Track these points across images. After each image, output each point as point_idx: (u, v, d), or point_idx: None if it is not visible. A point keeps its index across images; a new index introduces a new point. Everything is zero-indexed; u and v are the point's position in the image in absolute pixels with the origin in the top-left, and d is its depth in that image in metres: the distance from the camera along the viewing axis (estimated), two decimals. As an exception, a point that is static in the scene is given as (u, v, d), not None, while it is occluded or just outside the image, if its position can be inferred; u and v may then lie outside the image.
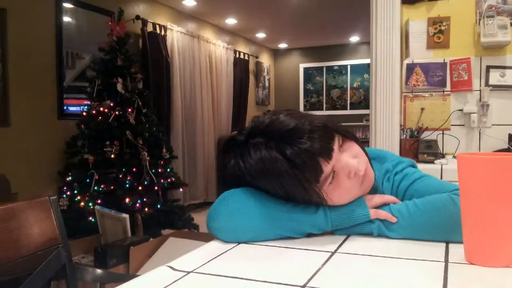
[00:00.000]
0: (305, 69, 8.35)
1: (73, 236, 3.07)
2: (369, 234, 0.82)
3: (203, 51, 5.85)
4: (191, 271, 0.66)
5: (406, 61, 2.52)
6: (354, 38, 7.59)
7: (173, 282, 0.61)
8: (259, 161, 0.79)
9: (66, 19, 3.97)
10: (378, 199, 0.84)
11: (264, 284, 0.60)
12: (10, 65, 3.43)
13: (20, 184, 3.25)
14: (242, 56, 6.99)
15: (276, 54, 8.58)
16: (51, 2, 3.83)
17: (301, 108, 8.23)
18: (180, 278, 0.63)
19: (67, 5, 3.96)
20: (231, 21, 6.19)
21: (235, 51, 6.77)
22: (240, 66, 6.89)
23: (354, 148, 0.84)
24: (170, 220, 3.62)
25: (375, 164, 0.93)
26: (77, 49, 4.10)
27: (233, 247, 0.78)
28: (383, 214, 0.81)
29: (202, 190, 5.73)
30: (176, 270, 0.66)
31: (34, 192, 3.45)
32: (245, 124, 6.85)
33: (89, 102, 3.64)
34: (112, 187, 3.40)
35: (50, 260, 1.00)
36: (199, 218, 4.21)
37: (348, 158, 0.81)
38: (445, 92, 2.48)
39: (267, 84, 8.23)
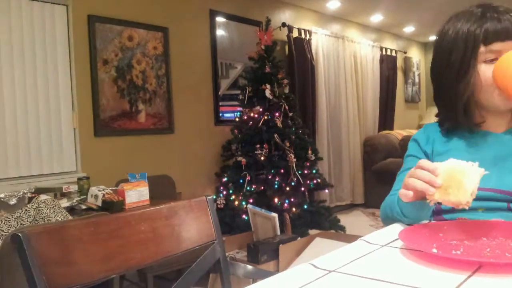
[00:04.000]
0: (460, 62, 7.66)
1: (229, 232, 3.33)
2: None
3: (347, 51, 5.80)
4: (333, 270, 0.68)
5: None
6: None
7: (314, 280, 0.64)
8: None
9: (219, 32, 4.32)
10: None
11: (404, 288, 0.60)
12: (173, 78, 3.86)
13: (184, 184, 3.63)
14: (389, 53, 6.74)
15: (427, 47, 8.07)
16: (206, 18, 4.20)
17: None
18: (321, 276, 0.66)
19: (219, 19, 4.30)
20: (377, 17, 6.02)
21: (381, 48, 6.56)
22: (387, 63, 6.65)
23: None
24: (316, 220, 3.68)
25: None
26: (230, 59, 4.43)
27: (378, 248, 0.79)
28: None
29: (348, 192, 5.67)
30: (318, 268, 0.69)
31: (196, 191, 3.83)
32: (393, 124, 6.61)
33: (241, 109, 3.92)
34: (262, 187, 3.59)
35: (206, 255, 1.10)
36: (346, 220, 4.19)
37: None
38: None
39: (417, 80, 7.79)
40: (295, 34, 5.00)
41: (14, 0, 2.89)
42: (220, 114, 4.27)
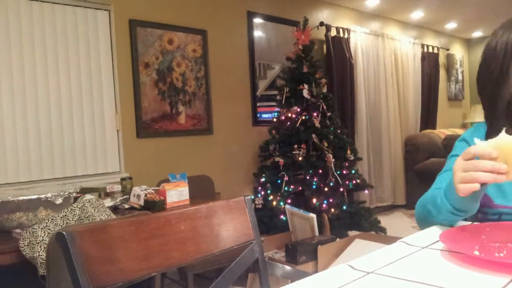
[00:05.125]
0: (507, 58, 7.36)
1: (267, 232, 3.35)
2: None
3: (387, 49, 5.69)
4: (371, 272, 0.67)
5: None
6: None
7: (352, 281, 0.64)
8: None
9: (257, 33, 4.34)
10: None
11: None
12: (212, 80, 3.91)
13: (222, 184, 3.66)
14: (430, 50, 6.57)
15: (470, 44, 7.80)
16: (244, 19, 4.23)
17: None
18: (359, 278, 0.65)
19: (257, 20, 4.32)
20: (417, 14, 5.88)
21: (422, 45, 6.40)
22: (429, 60, 6.48)
23: None
24: (356, 221, 3.63)
25: None
26: (267, 60, 4.44)
27: (418, 250, 0.78)
28: None
29: (389, 192, 5.57)
30: (356, 269, 0.69)
31: (234, 191, 3.86)
32: (436, 123, 6.43)
33: (278, 109, 3.92)
34: (300, 188, 3.58)
35: (244, 255, 1.11)
36: (386, 221, 4.12)
37: None
38: None
39: (460, 77, 7.55)
40: (333, 33, 4.96)
41: (59, 7, 3.01)
42: (258, 115, 4.29)
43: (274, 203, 3.54)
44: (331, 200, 3.57)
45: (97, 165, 3.20)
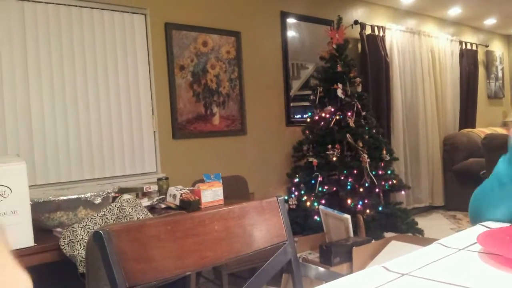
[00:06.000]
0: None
1: (301, 232, 3.33)
2: None
3: (424, 46, 5.56)
4: (406, 274, 0.66)
5: None
6: None
7: (385, 283, 0.63)
8: None
9: (290, 33, 4.33)
10: None
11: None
12: (245, 81, 3.94)
13: (256, 185, 3.68)
14: (468, 47, 6.37)
15: (510, 40, 7.52)
16: (277, 20, 4.23)
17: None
18: (393, 280, 0.64)
19: (290, 20, 4.32)
20: (455, 10, 5.72)
21: (460, 42, 6.22)
22: (467, 57, 6.29)
23: None
24: (392, 223, 3.57)
25: None
26: (301, 60, 4.43)
27: (455, 252, 0.76)
28: None
29: (427, 193, 5.44)
30: (391, 271, 0.68)
31: (268, 191, 3.87)
32: (475, 121, 6.24)
33: (312, 109, 3.90)
34: (334, 188, 3.55)
35: (278, 255, 1.11)
36: (424, 223, 4.03)
37: None
38: None
39: (500, 74, 7.29)
40: (368, 31, 4.89)
41: (97, 12, 3.11)
42: (291, 115, 4.28)
43: (308, 203, 3.53)
44: (366, 201, 3.52)
45: (135, 165, 3.28)
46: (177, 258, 0.92)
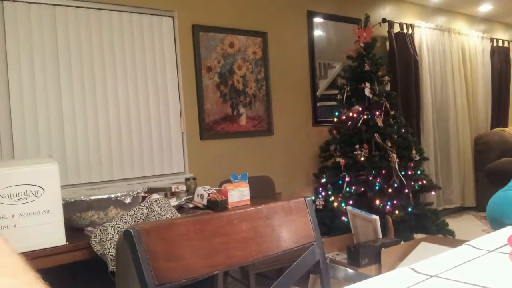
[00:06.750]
0: None
1: (328, 233, 3.32)
2: None
3: (454, 44, 5.45)
4: (434, 275, 0.66)
5: None
6: None
7: (413, 285, 0.63)
8: None
9: (317, 32, 4.31)
10: None
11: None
12: (272, 81, 3.94)
13: (283, 185, 3.68)
14: (500, 44, 6.20)
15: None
16: (304, 19, 4.22)
17: None
18: (421, 281, 0.64)
19: (317, 19, 4.29)
20: (485, 7, 5.57)
21: (491, 39, 6.06)
22: (499, 54, 6.12)
23: None
24: (422, 224, 3.51)
25: None
26: (328, 59, 4.40)
27: (485, 253, 0.75)
28: None
29: (458, 194, 5.31)
30: (419, 272, 0.68)
31: (295, 191, 3.87)
32: (508, 120, 6.05)
33: (339, 108, 3.87)
34: (362, 189, 3.51)
35: (305, 256, 1.11)
36: (455, 224, 3.95)
37: None
38: None
39: (535, 71, 7.06)
40: (396, 29, 4.82)
41: (126, 15, 3.17)
42: (318, 115, 4.26)
43: (335, 204, 3.50)
44: (395, 202, 3.47)
45: (163, 166, 3.33)
46: (206, 256, 0.93)
